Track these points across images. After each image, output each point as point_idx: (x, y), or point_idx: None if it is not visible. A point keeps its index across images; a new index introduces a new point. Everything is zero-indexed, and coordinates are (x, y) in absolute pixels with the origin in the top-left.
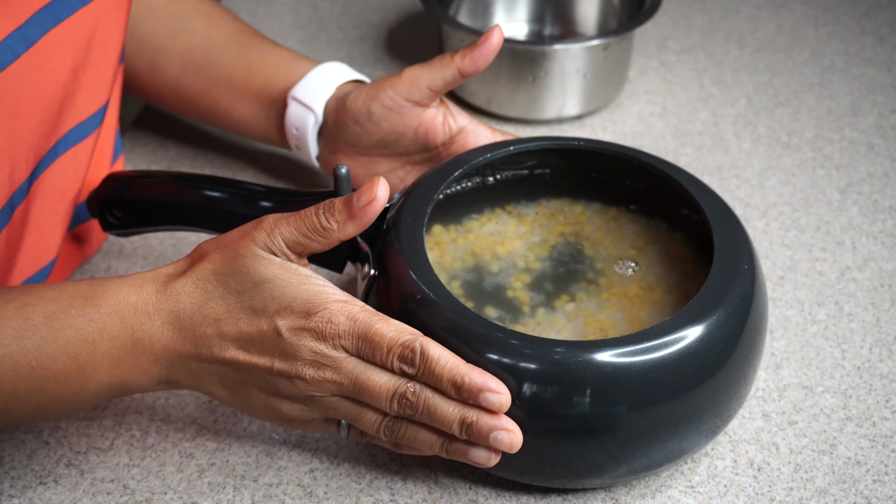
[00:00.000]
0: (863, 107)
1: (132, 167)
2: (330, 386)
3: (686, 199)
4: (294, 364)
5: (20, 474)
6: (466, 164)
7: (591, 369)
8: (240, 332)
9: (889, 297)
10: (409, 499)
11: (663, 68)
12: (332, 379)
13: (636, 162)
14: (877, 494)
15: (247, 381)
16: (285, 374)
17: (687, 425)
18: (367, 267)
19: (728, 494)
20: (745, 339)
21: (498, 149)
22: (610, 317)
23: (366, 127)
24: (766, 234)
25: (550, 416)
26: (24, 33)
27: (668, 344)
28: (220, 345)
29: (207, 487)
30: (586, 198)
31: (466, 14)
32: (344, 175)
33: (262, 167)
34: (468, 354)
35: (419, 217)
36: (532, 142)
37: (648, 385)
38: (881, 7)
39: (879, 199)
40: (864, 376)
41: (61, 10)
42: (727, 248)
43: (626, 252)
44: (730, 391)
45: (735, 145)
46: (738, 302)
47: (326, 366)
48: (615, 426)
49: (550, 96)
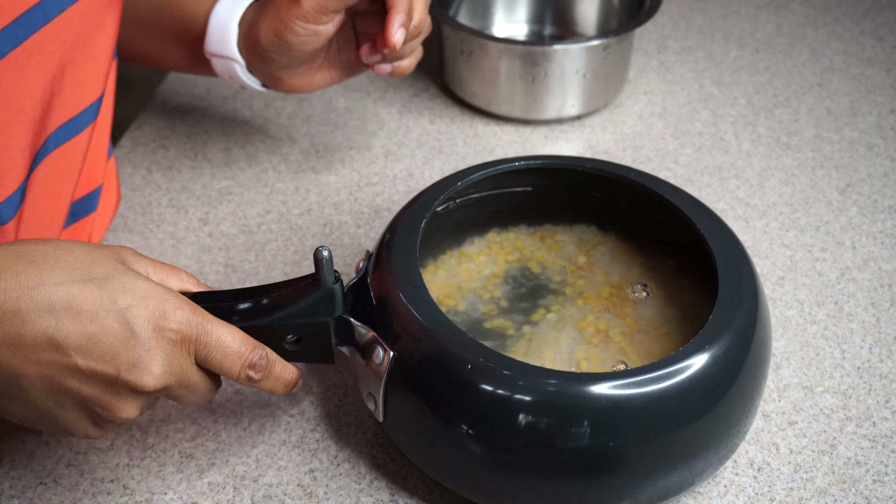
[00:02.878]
0: (862, 107)
1: (132, 167)
2: (168, 390)
3: (687, 225)
4: (143, 371)
5: (20, 474)
6: (435, 202)
7: (592, 402)
8: (82, 330)
9: (889, 297)
10: (408, 499)
11: (663, 68)
12: (170, 384)
13: (626, 181)
14: (877, 494)
15: (54, 389)
16: (131, 383)
17: (689, 459)
18: (378, 350)
19: (728, 494)
20: (748, 370)
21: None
22: (600, 317)
23: (289, 54)
24: (766, 234)
25: (549, 449)
26: (12, 33)
27: (672, 374)
28: (51, 340)
29: (207, 487)
30: (573, 218)
31: (466, 14)
32: (326, 259)
33: (262, 167)
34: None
35: (417, 281)
36: (521, 161)
37: (654, 415)
38: (881, 7)
39: (879, 199)
40: (864, 376)
41: (52, 9)
42: (730, 273)
43: (577, 260)
44: (730, 424)
45: (735, 145)
46: (742, 329)
47: (178, 369)
48: (618, 460)
49: (550, 96)
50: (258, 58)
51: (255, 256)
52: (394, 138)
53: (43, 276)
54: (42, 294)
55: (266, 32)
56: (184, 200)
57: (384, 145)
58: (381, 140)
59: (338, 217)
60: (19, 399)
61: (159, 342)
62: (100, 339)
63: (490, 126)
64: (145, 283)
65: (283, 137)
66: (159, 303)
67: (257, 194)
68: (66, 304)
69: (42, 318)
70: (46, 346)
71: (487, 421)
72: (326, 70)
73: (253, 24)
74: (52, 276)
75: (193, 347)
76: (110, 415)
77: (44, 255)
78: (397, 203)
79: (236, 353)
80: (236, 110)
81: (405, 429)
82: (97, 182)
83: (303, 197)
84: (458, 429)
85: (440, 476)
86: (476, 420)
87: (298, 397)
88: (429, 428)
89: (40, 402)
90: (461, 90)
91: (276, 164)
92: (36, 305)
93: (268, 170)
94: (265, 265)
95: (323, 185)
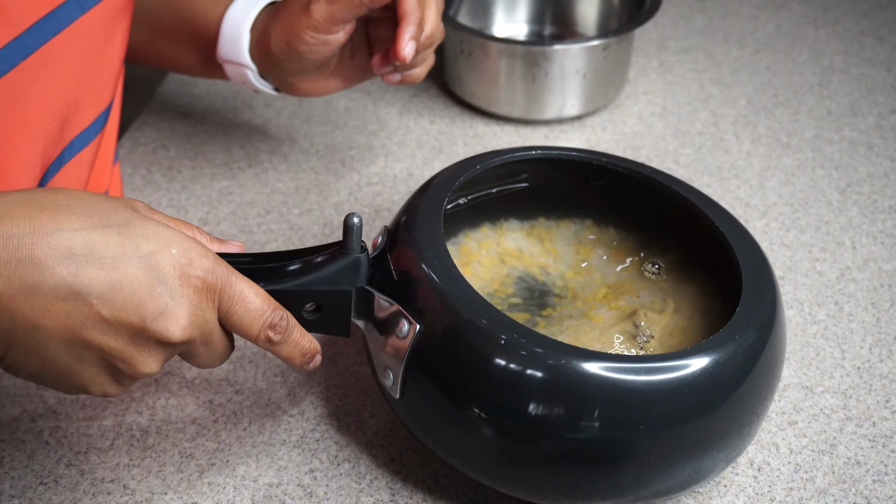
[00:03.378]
0: (862, 107)
1: (132, 167)
2: (190, 344)
3: (712, 230)
4: (170, 320)
5: (20, 475)
6: (466, 173)
7: (603, 388)
8: (105, 277)
9: (889, 297)
10: (409, 499)
11: (663, 68)
12: (194, 338)
13: (659, 186)
14: (877, 494)
15: (70, 340)
16: (156, 333)
17: (703, 452)
18: (403, 323)
19: (728, 494)
20: (766, 365)
21: (485, 160)
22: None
23: (300, 62)
24: (766, 234)
25: (556, 436)
26: (23, 43)
27: (691, 367)
28: (71, 289)
29: (207, 487)
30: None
31: (466, 14)
32: (356, 225)
33: (262, 167)
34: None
35: (442, 251)
36: (513, 152)
37: (666, 407)
38: (881, 7)
39: (879, 200)
40: (863, 376)
41: (62, 20)
42: (752, 272)
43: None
44: (744, 420)
45: (735, 146)
46: (763, 326)
47: (203, 321)
48: (631, 450)
49: (550, 97)
50: (270, 64)
51: None
52: (394, 138)
53: (59, 221)
54: (60, 240)
55: (277, 40)
56: (184, 200)
57: (384, 145)
58: (381, 140)
59: (338, 217)
60: (34, 353)
61: (185, 289)
62: (123, 286)
63: (490, 126)
64: (168, 230)
65: (283, 137)
66: (185, 249)
67: (257, 194)
68: (86, 251)
69: (61, 264)
70: (67, 295)
71: (515, 399)
72: (339, 75)
73: (264, 31)
74: (68, 221)
75: (218, 298)
76: (131, 369)
77: (56, 203)
78: (397, 203)
79: (258, 310)
80: (236, 110)
81: (423, 405)
82: (103, 188)
83: (303, 197)
84: (484, 405)
85: (453, 456)
86: (502, 397)
87: (299, 397)
88: (450, 404)
89: (58, 357)
90: (461, 90)
91: (276, 164)
92: (53, 252)
93: (268, 170)
94: None
95: (323, 185)
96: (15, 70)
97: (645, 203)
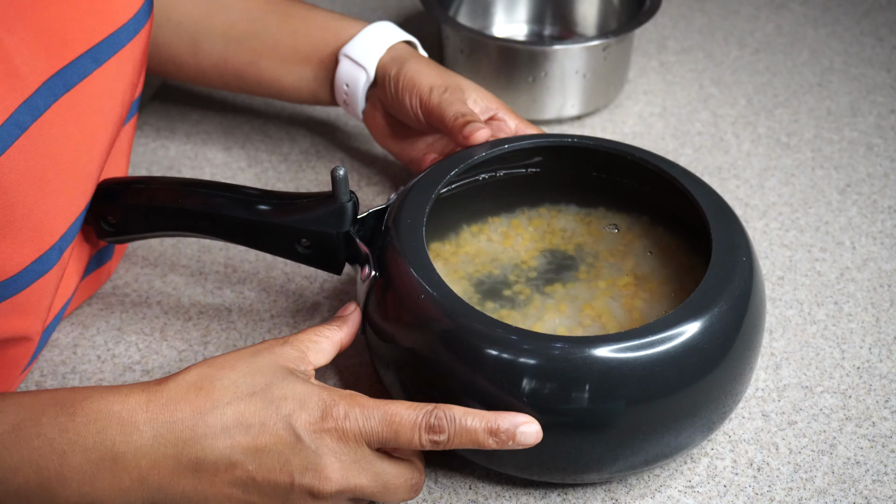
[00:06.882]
0: (862, 107)
1: (132, 168)
2: (355, 489)
3: (681, 192)
4: (318, 474)
5: None
6: (463, 162)
7: (591, 365)
8: (253, 443)
9: (888, 298)
10: None
11: (663, 69)
12: (357, 483)
13: (629, 158)
14: (876, 494)
15: None
16: (307, 487)
17: (687, 420)
18: (367, 268)
19: (728, 494)
20: (745, 333)
21: (494, 147)
22: (605, 304)
23: (400, 111)
24: (765, 234)
25: (551, 411)
26: (33, 104)
27: (668, 339)
28: (229, 460)
29: None
30: (581, 197)
31: (466, 14)
32: (342, 177)
33: (262, 167)
34: (471, 352)
35: (418, 216)
36: (527, 139)
37: (648, 380)
38: (881, 7)
39: (879, 200)
40: (863, 376)
41: (73, 75)
42: (724, 240)
43: (617, 248)
44: (728, 387)
45: (735, 145)
46: (737, 295)
47: (353, 464)
48: (614, 421)
49: (550, 97)
50: (381, 82)
51: (255, 256)
52: None
53: (213, 399)
54: (215, 417)
55: (393, 85)
56: None
57: None
58: None
59: None
60: None
61: (324, 441)
62: (270, 448)
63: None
64: (302, 386)
65: (283, 137)
66: (317, 404)
67: None
68: (236, 422)
69: (218, 440)
70: (227, 466)
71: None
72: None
73: (393, 70)
74: (221, 397)
75: (361, 437)
76: None
77: (210, 380)
78: None
79: (408, 422)
80: (236, 110)
81: (379, 346)
82: None
83: None
84: (416, 355)
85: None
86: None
87: None
88: (393, 345)
89: None
90: None
91: (276, 164)
92: (210, 430)
93: (268, 170)
94: (265, 265)
95: (323, 185)
96: (26, 133)
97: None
